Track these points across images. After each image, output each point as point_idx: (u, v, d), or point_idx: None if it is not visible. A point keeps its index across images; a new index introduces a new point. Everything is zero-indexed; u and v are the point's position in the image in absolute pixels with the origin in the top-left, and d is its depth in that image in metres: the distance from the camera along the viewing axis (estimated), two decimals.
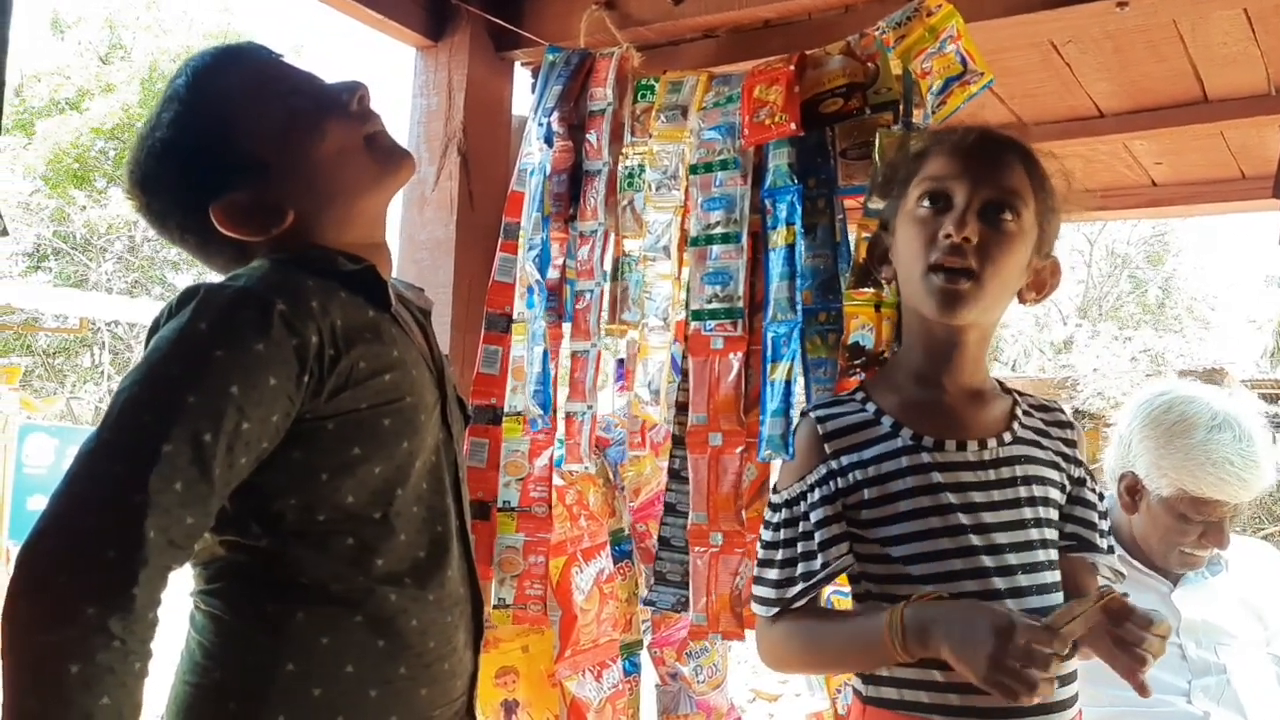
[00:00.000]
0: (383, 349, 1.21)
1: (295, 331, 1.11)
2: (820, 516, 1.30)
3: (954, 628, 1.14)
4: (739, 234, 1.74)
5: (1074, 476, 1.38)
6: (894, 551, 1.28)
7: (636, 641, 2.23)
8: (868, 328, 1.53)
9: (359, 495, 1.18)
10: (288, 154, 1.24)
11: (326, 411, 1.15)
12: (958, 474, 1.29)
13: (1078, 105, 2.42)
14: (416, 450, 1.23)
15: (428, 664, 1.23)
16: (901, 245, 1.35)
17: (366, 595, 1.18)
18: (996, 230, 1.28)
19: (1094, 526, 1.38)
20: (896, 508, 1.28)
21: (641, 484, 2.25)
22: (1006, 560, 1.26)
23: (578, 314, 1.95)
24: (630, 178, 1.93)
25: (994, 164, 1.31)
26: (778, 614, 1.33)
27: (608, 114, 1.94)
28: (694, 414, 1.77)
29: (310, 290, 1.16)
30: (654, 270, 1.86)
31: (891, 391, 1.37)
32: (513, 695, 2.01)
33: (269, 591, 1.17)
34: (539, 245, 1.95)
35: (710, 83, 1.84)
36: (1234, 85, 2.25)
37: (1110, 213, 3.23)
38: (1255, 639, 1.86)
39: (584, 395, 1.93)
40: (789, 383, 1.63)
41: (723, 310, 1.75)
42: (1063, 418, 1.42)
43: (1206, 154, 2.63)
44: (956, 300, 1.27)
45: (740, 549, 1.70)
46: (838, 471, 1.31)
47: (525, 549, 1.95)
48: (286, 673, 1.14)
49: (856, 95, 1.65)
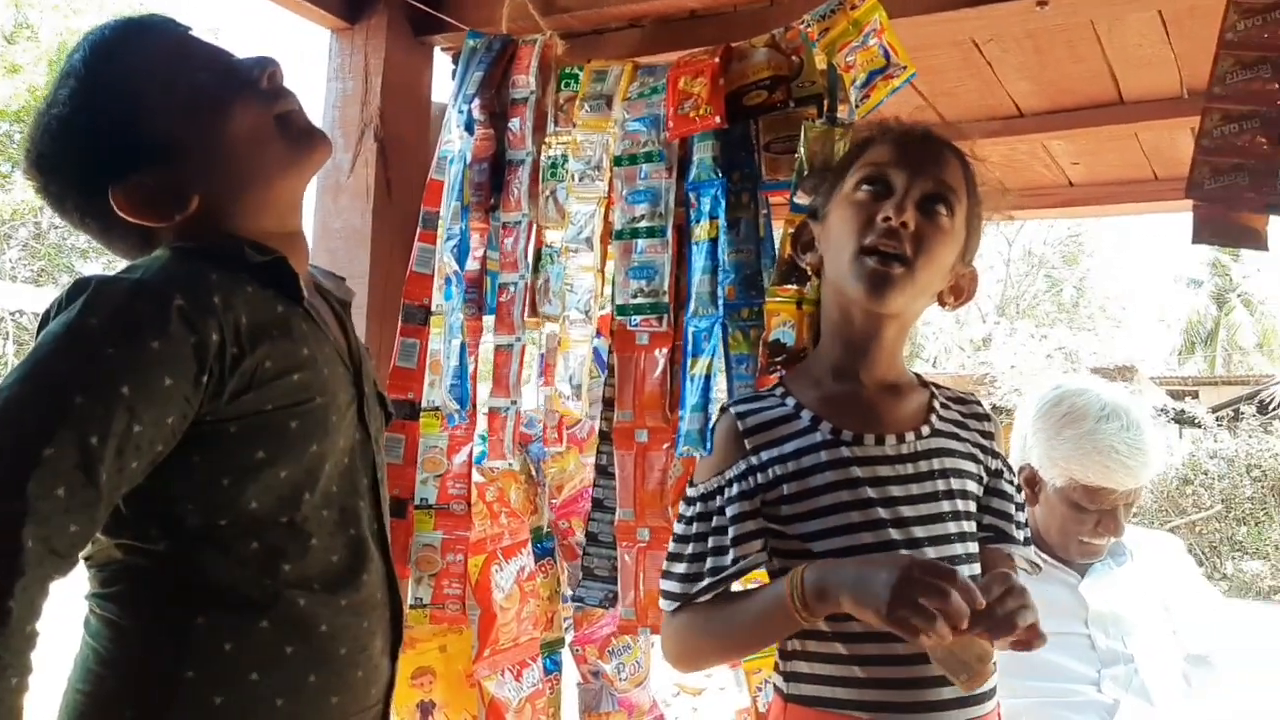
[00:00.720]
0: (291, 347, 1.15)
1: (194, 329, 1.05)
2: (736, 512, 1.29)
3: (852, 575, 1.15)
4: (664, 228, 1.72)
5: (991, 468, 1.39)
6: (815, 546, 1.27)
7: (558, 640, 2.20)
8: (789, 325, 1.52)
9: (263, 500, 1.13)
10: (193, 134, 1.18)
11: (228, 414, 1.09)
12: (876, 468, 1.29)
13: (998, 104, 2.45)
14: (326, 452, 1.18)
15: (339, 671, 1.18)
16: (835, 227, 1.34)
17: (274, 600, 1.13)
18: (932, 222, 1.29)
19: (1010, 518, 1.39)
20: (817, 503, 1.27)
21: (564, 480, 2.23)
22: (924, 554, 1.26)
23: (501, 307, 1.91)
24: (553, 168, 1.90)
25: (935, 158, 1.33)
26: (678, 608, 1.31)
27: (530, 102, 1.90)
28: (620, 410, 1.75)
29: (213, 284, 1.10)
30: (576, 262, 1.83)
31: (810, 386, 1.37)
32: (429, 696, 1.97)
33: (169, 596, 1.11)
34: (458, 235, 1.91)
35: (635, 73, 1.82)
36: (1149, 87, 2.30)
37: (1029, 212, 3.29)
38: (1162, 628, 1.90)
39: (508, 390, 1.90)
40: (709, 378, 1.62)
41: (648, 305, 1.73)
42: (980, 410, 1.43)
43: (1121, 155, 2.69)
44: (888, 284, 1.27)
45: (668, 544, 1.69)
46: (757, 467, 1.30)
47: (443, 547, 1.91)
48: (186, 680, 1.09)
49: (781, 88, 1.64)
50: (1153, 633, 1.88)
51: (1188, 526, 12.56)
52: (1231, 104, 1.43)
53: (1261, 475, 12.74)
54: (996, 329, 23.21)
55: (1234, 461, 13.00)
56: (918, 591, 1.07)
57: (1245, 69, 1.43)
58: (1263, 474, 12.75)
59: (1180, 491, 13.05)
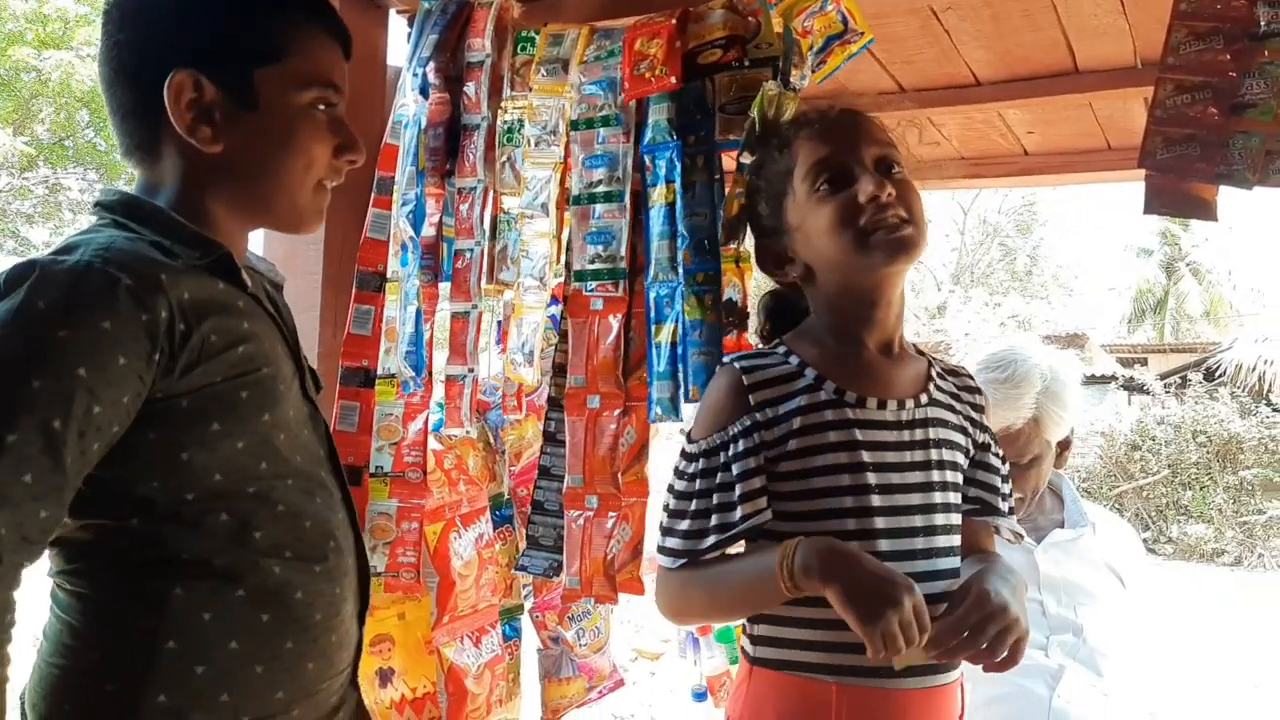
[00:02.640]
0: (234, 321, 1.15)
1: (144, 307, 1.04)
2: (743, 469, 1.28)
3: (847, 575, 1.16)
4: (622, 193, 1.71)
5: (979, 441, 1.41)
6: (797, 506, 1.28)
7: (517, 606, 2.20)
8: (734, 285, 1.53)
9: (225, 472, 1.13)
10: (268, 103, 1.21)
11: (180, 389, 1.09)
12: (876, 433, 1.30)
13: (955, 73, 2.45)
14: (279, 422, 1.19)
15: (315, 637, 1.19)
16: (817, 230, 1.33)
17: (250, 569, 1.14)
18: (898, 180, 1.32)
19: (996, 490, 1.41)
20: (815, 461, 1.28)
21: (523, 448, 2.22)
22: (910, 522, 1.28)
23: (457, 274, 1.89)
24: (509, 133, 1.88)
25: (863, 126, 1.35)
26: (685, 564, 1.31)
27: (486, 66, 1.87)
28: (572, 376, 1.74)
29: (158, 263, 1.09)
30: (531, 228, 1.81)
31: (812, 346, 1.36)
32: (388, 663, 1.97)
33: (144, 570, 1.11)
34: (413, 201, 1.88)
35: (592, 36, 1.80)
36: (1103, 57, 2.31)
37: (984, 180, 3.31)
38: (1116, 601, 1.94)
39: (465, 358, 1.88)
40: (675, 345, 1.61)
41: (605, 271, 1.72)
42: (971, 384, 1.45)
43: (1076, 124, 2.71)
44: (906, 245, 1.29)
45: (615, 512, 1.68)
46: (762, 424, 1.29)
47: (398, 515, 1.90)
48: (167, 651, 1.09)
49: (736, 48, 1.62)
50: (1107, 604, 1.91)
51: (1135, 491, 12.85)
52: (1184, 74, 1.45)
53: (1207, 441, 13.05)
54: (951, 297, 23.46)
55: (1180, 427, 13.29)
56: (901, 627, 1.11)
57: (1198, 39, 1.44)
58: (1208, 440, 13.05)
59: (1129, 457, 13.33)
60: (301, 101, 1.22)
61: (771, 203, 1.38)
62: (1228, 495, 12.65)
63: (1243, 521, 12.42)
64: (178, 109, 1.16)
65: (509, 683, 2.12)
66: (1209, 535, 12.39)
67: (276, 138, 1.22)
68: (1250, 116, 1.41)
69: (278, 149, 1.22)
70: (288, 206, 1.26)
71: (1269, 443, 12.76)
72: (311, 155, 1.24)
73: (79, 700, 1.09)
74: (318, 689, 1.20)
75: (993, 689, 1.83)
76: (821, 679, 1.25)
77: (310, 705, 1.19)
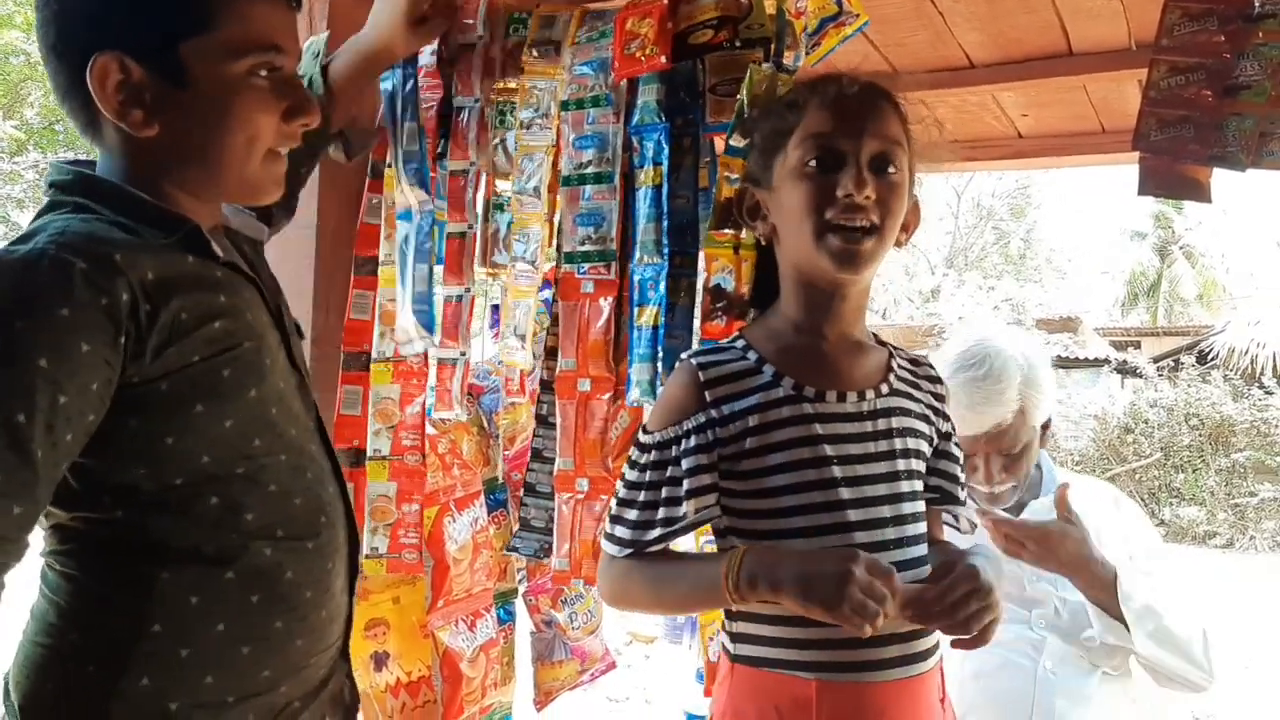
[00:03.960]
0: (207, 295, 1.12)
1: (102, 290, 1.01)
2: (692, 464, 1.28)
3: (795, 573, 1.16)
4: (612, 174, 1.70)
5: (941, 430, 1.41)
6: (765, 504, 1.28)
7: (511, 590, 2.21)
8: (728, 270, 1.51)
9: (214, 454, 1.11)
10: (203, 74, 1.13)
11: (155, 372, 1.06)
12: (837, 426, 1.29)
13: (949, 55, 2.44)
14: (267, 397, 1.17)
15: (304, 615, 1.19)
16: (789, 202, 1.31)
17: (240, 552, 1.13)
18: (886, 182, 1.28)
19: (956, 479, 1.41)
20: (775, 459, 1.27)
21: (517, 432, 2.23)
22: (876, 514, 1.27)
23: (450, 256, 1.88)
24: (502, 115, 1.87)
25: (875, 115, 1.30)
26: (630, 554, 1.31)
27: (478, 48, 1.86)
28: (563, 359, 1.73)
29: (114, 243, 1.06)
30: (525, 212, 1.81)
31: (770, 340, 1.35)
32: (383, 647, 1.97)
33: (132, 555, 1.10)
34: (417, 159, 1.85)
35: (584, 18, 1.79)
36: (1097, 39, 2.30)
37: (978, 164, 3.31)
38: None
39: (457, 340, 1.88)
40: (656, 328, 1.61)
41: (595, 253, 1.71)
42: (933, 373, 1.44)
43: (1070, 107, 2.70)
44: (858, 259, 1.27)
45: (606, 495, 1.69)
46: (718, 420, 1.28)
47: (398, 497, 1.90)
48: (152, 634, 1.09)
49: (727, 28, 1.61)
50: None
51: (1128, 474, 12.90)
52: (1178, 56, 1.44)
53: (1199, 424, 13.10)
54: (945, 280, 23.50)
55: (1173, 410, 13.34)
56: (864, 590, 1.10)
57: (1192, 21, 1.44)
58: (1200, 423, 13.10)
59: (1121, 440, 13.38)
60: (236, 71, 1.14)
61: (765, 154, 1.36)
62: (1220, 478, 12.71)
63: (1235, 504, 12.48)
64: (104, 94, 1.10)
65: (504, 666, 2.13)
66: (1201, 518, 12.45)
67: (214, 114, 1.15)
68: (1244, 98, 1.41)
69: (215, 126, 1.15)
70: (237, 182, 1.20)
71: (1261, 425, 12.82)
72: (255, 127, 1.17)
73: (60, 680, 1.09)
74: (305, 664, 1.20)
75: (979, 663, 1.85)
76: (801, 675, 1.24)
77: (297, 681, 1.19)
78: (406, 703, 1.98)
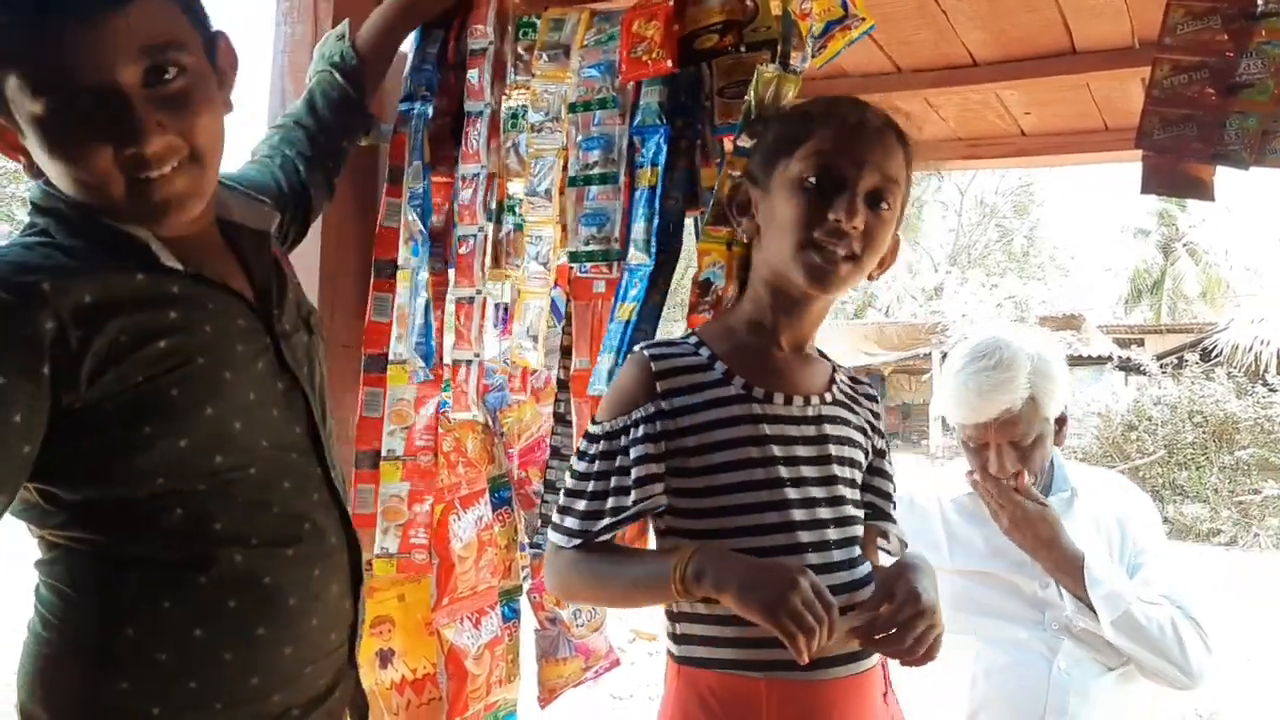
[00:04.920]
0: (152, 316, 1.10)
1: (22, 322, 1.00)
2: (640, 454, 1.29)
3: (740, 574, 1.18)
4: (617, 174, 1.71)
5: (876, 447, 1.45)
6: (709, 502, 1.30)
7: (516, 587, 2.21)
8: (719, 265, 1.53)
9: (171, 473, 1.10)
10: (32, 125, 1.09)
11: (94, 396, 1.06)
12: (784, 427, 1.32)
13: (952, 53, 2.45)
14: (226, 412, 1.14)
15: (289, 622, 1.18)
16: (779, 209, 1.34)
17: (210, 560, 1.13)
18: (877, 217, 1.31)
19: (889, 497, 1.45)
20: (723, 456, 1.29)
21: (521, 430, 2.23)
22: (819, 514, 1.30)
23: (461, 260, 1.88)
24: (514, 118, 1.87)
25: (883, 151, 1.32)
26: (578, 546, 1.32)
27: (489, 53, 1.86)
28: (577, 358, 1.75)
29: (46, 271, 1.04)
30: (536, 214, 1.81)
31: (723, 338, 1.38)
32: (388, 644, 1.98)
33: (103, 563, 1.12)
34: (420, 195, 1.87)
35: (592, 20, 1.79)
36: (1100, 37, 2.31)
37: (981, 161, 3.30)
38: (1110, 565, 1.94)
39: (470, 342, 1.89)
40: (627, 323, 1.62)
41: (600, 252, 1.72)
42: (871, 391, 1.49)
43: (1073, 105, 2.71)
44: (832, 279, 1.31)
45: None
46: (667, 413, 1.30)
47: (410, 497, 1.90)
48: (125, 639, 1.10)
49: (733, 32, 1.62)
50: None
51: (1131, 471, 12.88)
52: (1181, 55, 1.45)
53: (1203, 421, 13.08)
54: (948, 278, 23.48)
55: (1177, 408, 13.32)
56: (804, 605, 1.12)
57: (1195, 19, 1.44)
58: (1204, 420, 13.08)
59: (1125, 437, 13.37)
60: (36, 112, 1.06)
61: (769, 157, 1.38)
62: (1223, 475, 12.70)
63: (1238, 501, 12.47)
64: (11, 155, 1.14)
65: (508, 663, 2.14)
66: (1205, 515, 12.43)
67: (46, 152, 1.09)
68: (1247, 97, 1.41)
69: (51, 165, 1.10)
70: (119, 211, 1.12)
71: (1265, 423, 12.80)
72: (84, 164, 1.08)
73: (50, 686, 1.11)
74: (300, 673, 1.19)
75: (993, 660, 1.86)
76: (748, 675, 1.26)
77: (294, 690, 1.19)
78: (412, 700, 1.99)
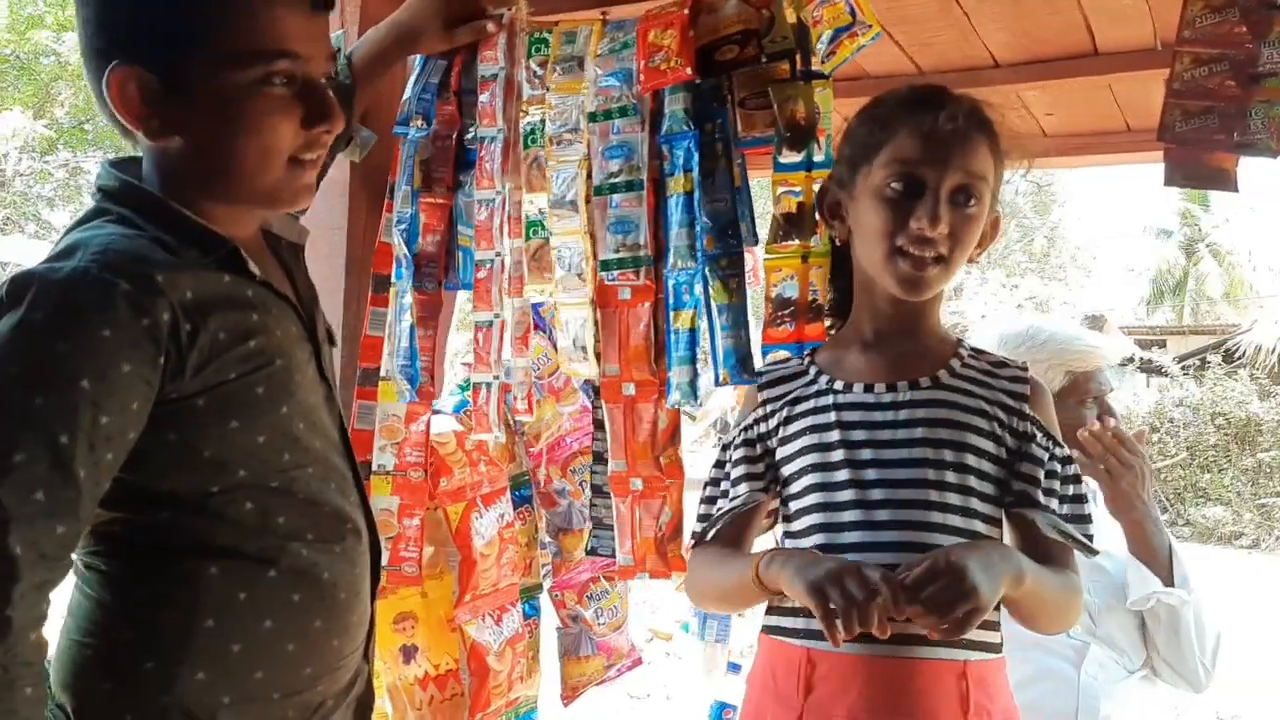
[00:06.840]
0: (242, 316, 1.14)
1: (144, 311, 1.03)
2: (739, 455, 1.43)
3: (798, 562, 1.23)
4: (640, 181, 1.71)
5: (1016, 430, 1.36)
6: (788, 484, 1.39)
7: (536, 585, 2.23)
8: (792, 278, 1.57)
9: (248, 467, 1.14)
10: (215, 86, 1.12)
11: (193, 389, 1.08)
12: (851, 413, 1.36)
13: (974, 55, 2.45)
14: (295, 412, 1.19)
15: (340, 615, 1.22)
16: (865, 218, 1.36)
17: (280, 552, 1.16)
18: (962, 215, 1.32)
19: (1037, 483, 1.34)
20: (798, 442, 1.38)
21: (541, 429, 2.25)
22: (871, 495, 1.31)
23: (479, 284, 1.86)
24: (533, 134, 1.86)
25: (964, 148, 1.32)
26: (694, 545, 1.46)
27: (500, 79, 1.82)
28: (607, 365, 1.75)
29: (155, 263, 1.07)
30: (562, 226, 1.81)
31: (831, 344, 1.49)
32: (411, 640, 2.01)
33: (177, 553, 1.12)
34: (408, 220, 1.87)
35: (604, 29, 1.80)
36: (1123, 39, 2.30)
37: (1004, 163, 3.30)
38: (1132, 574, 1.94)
39: (489, 365, 1.88)
40: (693, 330, 1.63)
41: (629, 260, 1.72)
42: (1017, 373, 1.41)
43: (1095, 106, 2.70)
44: (922, 284, 1.34)
45: (661, 494, 1.71)
46: (763, 417, 1.43)
47: (400, 512, 1.90)
48: (205, 629, 1.11)
49: (752, 43, 1.62)
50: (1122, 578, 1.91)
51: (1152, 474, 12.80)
52: (1201, 47, 1.45)
53: (1225, 423, 12.98)
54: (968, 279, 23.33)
55: (1199, 410, 13.23)
56: (840, 586, 1.13)
57: (1214, 12, 1.44)
58: (1226, 422, 12.98)
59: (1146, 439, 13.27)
60: (244, 81, 1.12)
61: (853, 162, 1.40)
62: (1246, 478, 12.60)
63: (1261, 504, 12.37)
64: (119, 105, 1.11)
65: (529, 660, 2.16)
66: (1227, 518, 12.34)
67: (225, 123, 1.13)
68: (1270, 85, 1.40)
69: (227, 135, 1.14)
70: (257, 191, 1.18)
71: None
72: (270, 136, 1.14)
73: (117, 678, 1.10)
74: (339, 664, 1.23)
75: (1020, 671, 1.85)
76: (793, 643, 1.31)
77: (331, 679, 1.22)
78: (435, 695, 2.01)
